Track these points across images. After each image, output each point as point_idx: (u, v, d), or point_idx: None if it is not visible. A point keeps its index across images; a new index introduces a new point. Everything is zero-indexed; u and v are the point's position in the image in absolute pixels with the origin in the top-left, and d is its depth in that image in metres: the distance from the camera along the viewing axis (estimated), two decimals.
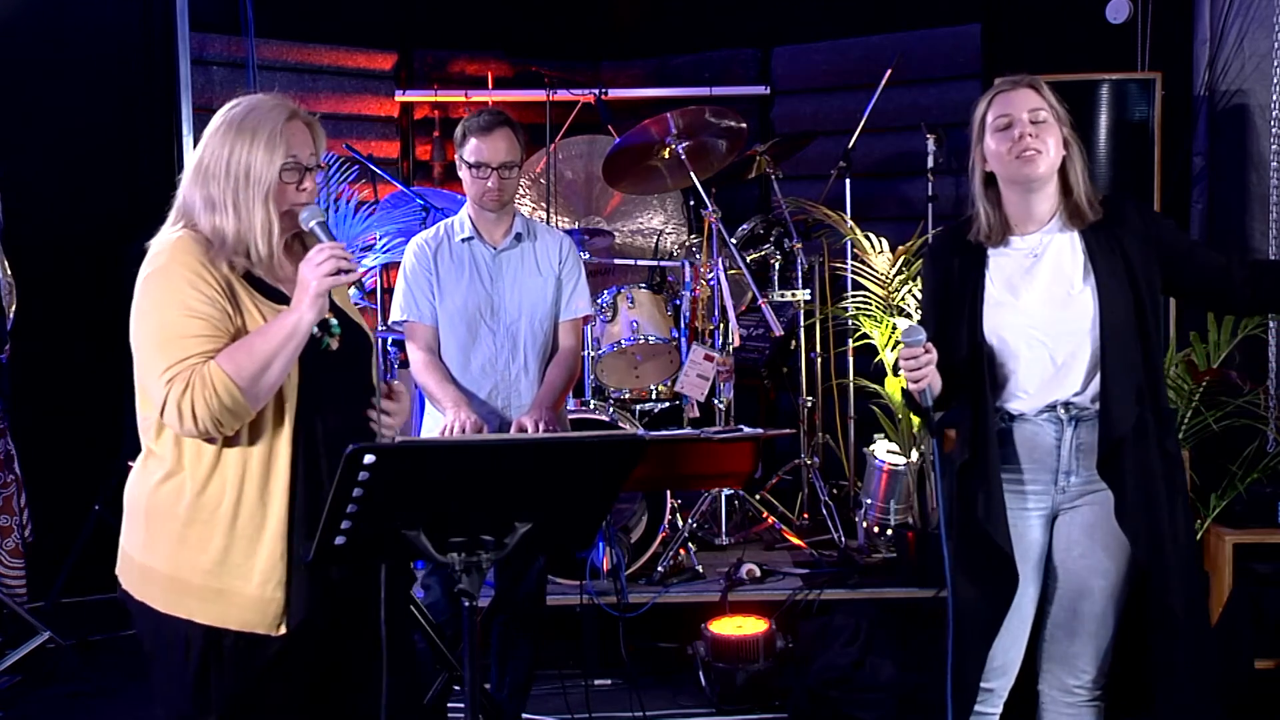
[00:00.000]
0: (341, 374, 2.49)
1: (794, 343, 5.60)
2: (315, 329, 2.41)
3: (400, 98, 6.37)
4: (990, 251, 2.88)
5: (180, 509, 2.39)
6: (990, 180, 2.87)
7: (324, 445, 2.39)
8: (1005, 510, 2.82)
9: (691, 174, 4.97)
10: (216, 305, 2.36)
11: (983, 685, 2.90)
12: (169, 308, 2.35)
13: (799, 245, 5.39)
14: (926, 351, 2.72)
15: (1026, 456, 2.86)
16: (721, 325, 5.02)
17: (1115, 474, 2.79)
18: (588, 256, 5.16)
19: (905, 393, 2.94)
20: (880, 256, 4.98)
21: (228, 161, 2.40)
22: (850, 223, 5.17)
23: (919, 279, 4.40)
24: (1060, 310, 2.81)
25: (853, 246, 5.12)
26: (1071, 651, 2.89)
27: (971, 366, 2.83)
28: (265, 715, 2.45)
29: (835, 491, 5.47)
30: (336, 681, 2.52)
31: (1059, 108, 2.83)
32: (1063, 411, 2.82)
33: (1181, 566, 2.78)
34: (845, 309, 5.09)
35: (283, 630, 2.41)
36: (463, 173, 3.62)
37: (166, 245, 2.41)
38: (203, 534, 2.39)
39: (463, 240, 3.63)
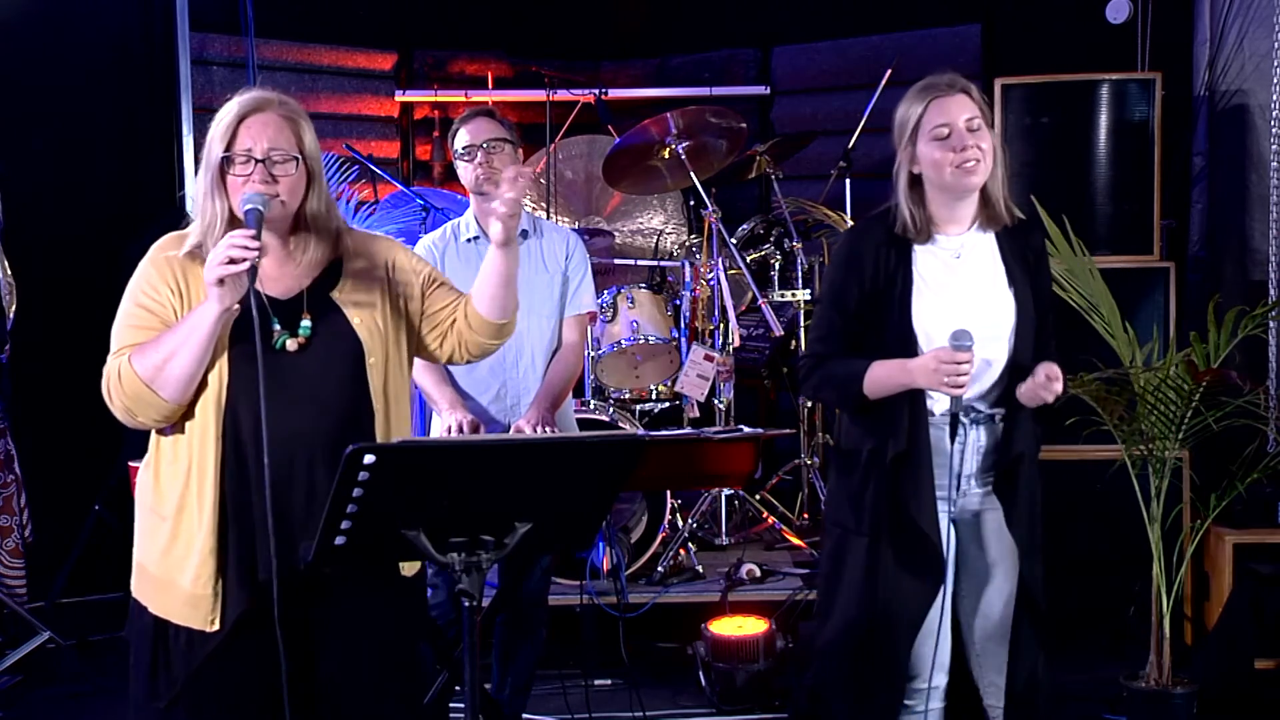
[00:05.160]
0: (308, 375, 2.42)
1: (794, 343, 5.59)
2: (275, 325, 2.39)
3: (400, 98, 6.37)
4: (915, 247, 2.85)
5: (148, 498, 2.48)
6: (915, 180, 2.84)
7: (256, 445, 2.32)
8: (936, 505, 2.80)
9: (691, 174, 4.97)
10: (162, 301, 2.42)
11: (932, 685, 2.88)
12: (124, 301, 2.46)
13: (799, 245, 5.38)
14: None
15: (935, 457, 2.83)
16: (721, 325, 5.02)
17: (1010, 486, 2.81)
18: None
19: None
20: None
21: (205, 154, 2.44)
22: (850, 223, 5.16)
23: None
24: (982, 313, 2.81)
25: None
26: (1006, 657, 2.89)
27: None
28: (216, 705, 2.43)
29: None
30: (309, 680, 2.46)
31: (988, 112, 2.81)
32: (963, 415, 2.77)
33: (1043, 578, 2.88)
34: None
35: (216, 626, 2.40)
36: (459, 168, 3.62)
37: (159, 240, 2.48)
38: (156, 525, 2.45)
39: (469, 240, 3.62)
